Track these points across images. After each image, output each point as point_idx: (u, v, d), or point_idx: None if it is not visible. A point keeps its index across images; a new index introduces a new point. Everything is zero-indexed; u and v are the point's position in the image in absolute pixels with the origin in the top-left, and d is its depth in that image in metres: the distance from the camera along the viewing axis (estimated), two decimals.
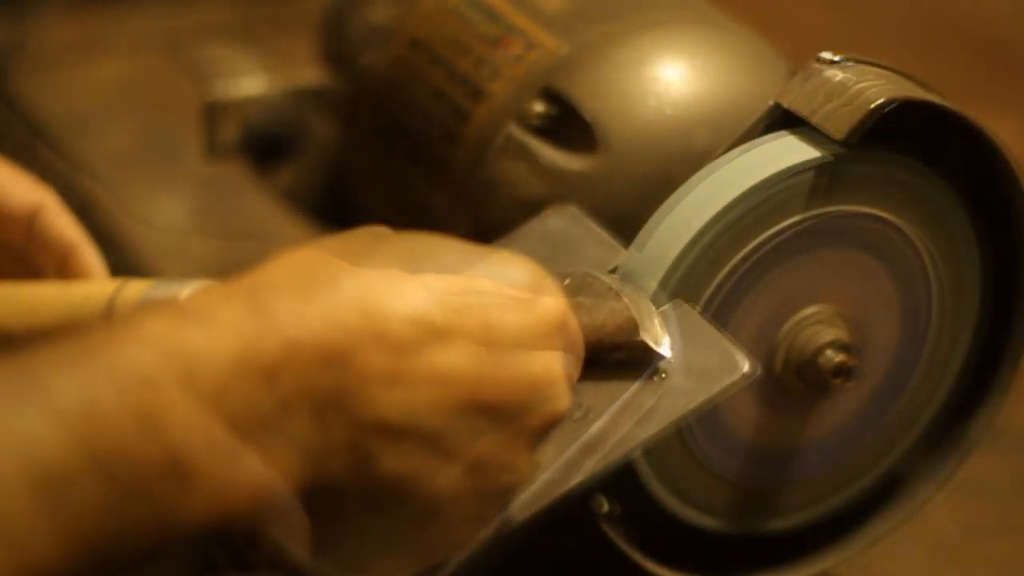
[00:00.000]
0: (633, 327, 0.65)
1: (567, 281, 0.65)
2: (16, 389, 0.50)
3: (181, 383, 0.51)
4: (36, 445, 0.49)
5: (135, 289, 0.70)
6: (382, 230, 0.61)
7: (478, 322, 0.57)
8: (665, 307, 0.67)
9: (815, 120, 0.69)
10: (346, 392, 0.54)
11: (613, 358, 0.64)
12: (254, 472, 0.53)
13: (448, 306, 0.57)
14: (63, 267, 0.76)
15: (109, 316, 0.61)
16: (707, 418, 0.72)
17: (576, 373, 0.62)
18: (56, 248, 0.77)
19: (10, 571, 0.48)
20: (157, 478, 0.51)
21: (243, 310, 0.54)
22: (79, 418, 0.50)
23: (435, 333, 0.56)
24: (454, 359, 0.56)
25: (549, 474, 0.63)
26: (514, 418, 0.58)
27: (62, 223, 0.77)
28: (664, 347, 0.65)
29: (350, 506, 0.56)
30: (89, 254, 0.77)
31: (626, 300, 0.65)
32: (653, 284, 0.68)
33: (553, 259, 0.65)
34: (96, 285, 0.73)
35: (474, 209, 0.76)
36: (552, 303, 0.59)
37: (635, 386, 0.64)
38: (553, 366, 0.59)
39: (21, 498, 0.48)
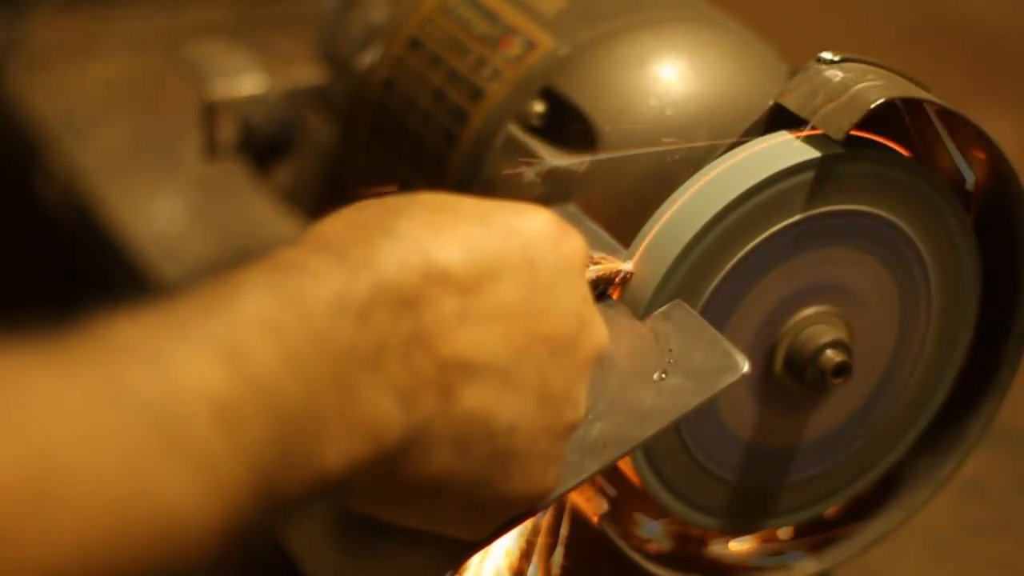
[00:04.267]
0: (592, 259, 0.68)
1: None
2: (178, 335, 0.51)
3: (301, 323, 0.53)
4: (209, 382, 0.50)
5: None
6: (401, 196, 0.62)
7: (521, 259, 0.60)
8: (665, 307, 0.68)
9: (815, 120, 0.69)
10: (426, 331, 0.57)
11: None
12: (367, 413, 0.55)
13: (493, 246, 0.59)
14: None
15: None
16: (706, 418, 0.72)
17: None
18: None
19: (213, 499, 0.49)
20: (302, 418, 0.53)
21: (326, 260, 0.56)
22: (236, 358, 0.51)
23: (489, 272, 0.59)
24: (509, 295, 0.59)
25: None
26: (568, 348, 0.61)
27: None
28: (626, 264, 0.68)
29: (439, 448, 0.58)
30: None
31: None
32: (653, 284, 0.68)
33: None
34: None
35: None
36: (576, 241, 0.63)
37: (635, 385, 0.65)
38: (588, 297, 0.63)
39: (208, 431, 0.50)
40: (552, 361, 0.60)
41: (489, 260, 0.59)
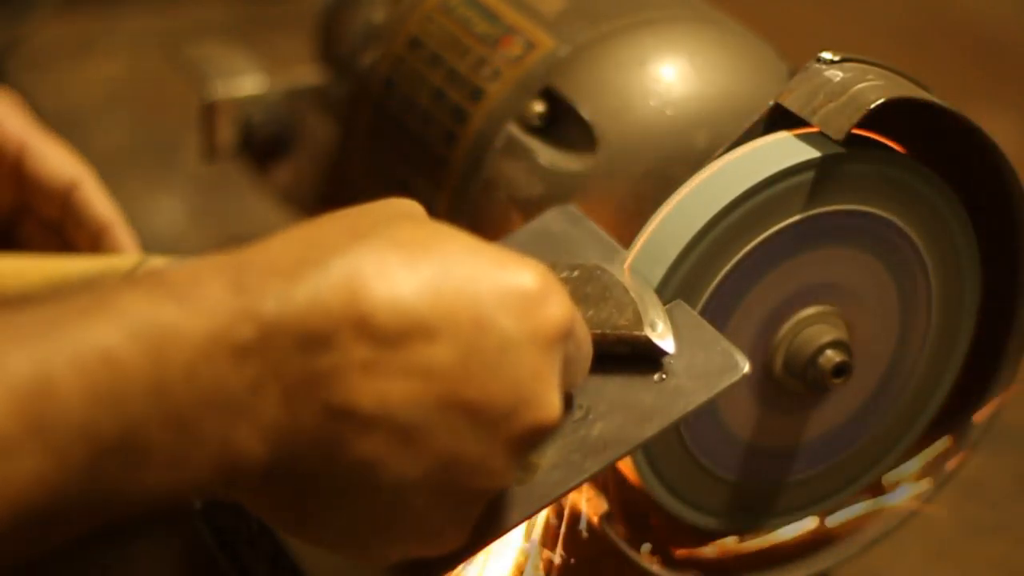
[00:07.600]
0: (637, 321, 0.65)
1: (576, 273, 0.66)
2: None
3: (147, 360, 0.51)
4: None
5: (154, 265, 0.70)
6: (406, 209, 0.60)
7: (469, 320, 0.55)
8: (664, 308, 0.67)
9: (815, 120, 0.69)
10: (319, 377, 0.54)
11: (616, 352, 0.64)
12: (214, 450, 0.53)
13: (440, 300, 0.55)
14: (96, 245, 0.77)
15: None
16: (706, 418, 0.72)
17: (581, 377, 0.61)
18: (90, 226, 0.77)
19: None
20: (109, 454, 0.51)
21: (225, 288, 0.53)
22: (29, 393, 0.49)
23: (421, 326, 0.55)
24: (438, 355, 0.55)
25: (549, 475, 0.63)
26: (496, 422, 0.56)
27: (98, 201, 0.78)
28: (667, 343, 0.65)
29: (318, 489, 0.56)
30: (123, 234, 0.78)
31: (632, 295, 0.65)
32: (653, 284, 0.68)
33: (554, 259, 0.66)
34: (118, 259, 0.74)
35: (474, 209, 0.76)
36: (556, 312, 0.57)
37: (636, 386, 0.64)
38: (545, 374, 0.57)
39: None
40: (472, 431, 0.56)
41: (426, 315, 0.55)
